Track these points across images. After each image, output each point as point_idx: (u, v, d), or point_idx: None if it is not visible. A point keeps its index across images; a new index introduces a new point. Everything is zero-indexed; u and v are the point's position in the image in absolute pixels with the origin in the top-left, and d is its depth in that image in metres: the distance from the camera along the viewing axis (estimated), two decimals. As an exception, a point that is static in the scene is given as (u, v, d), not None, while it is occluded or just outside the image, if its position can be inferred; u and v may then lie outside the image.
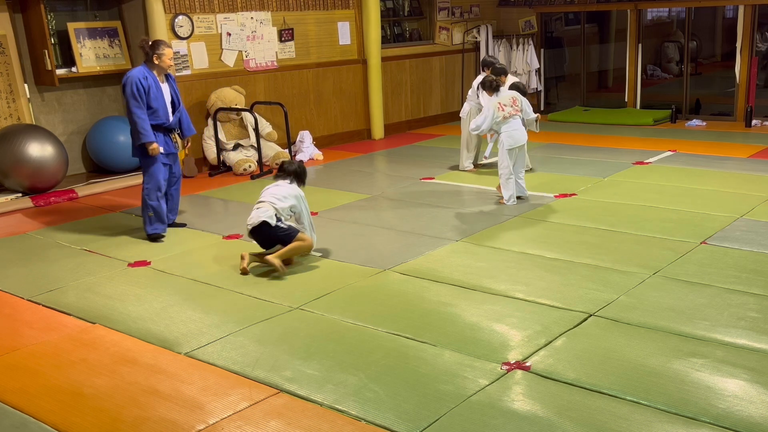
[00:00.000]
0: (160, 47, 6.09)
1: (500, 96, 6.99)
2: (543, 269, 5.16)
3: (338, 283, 5.08)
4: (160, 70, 6.18)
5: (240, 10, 9.36)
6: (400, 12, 11.96)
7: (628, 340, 4.01)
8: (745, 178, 7.45)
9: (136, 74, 6.04)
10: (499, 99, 6.95)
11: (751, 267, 5.01)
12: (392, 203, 7.22)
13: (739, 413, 3.28)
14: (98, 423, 3.46)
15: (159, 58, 6.09)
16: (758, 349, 3.86)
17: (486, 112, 6.95)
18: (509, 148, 6.83)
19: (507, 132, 6.86)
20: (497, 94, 7.01)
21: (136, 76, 6.01)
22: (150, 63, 6.13)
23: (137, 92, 5.98)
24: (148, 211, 6.23)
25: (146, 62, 6.15)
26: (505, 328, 4.26)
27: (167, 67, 6.19)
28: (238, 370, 3.91)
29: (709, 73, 13.50)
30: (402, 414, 3.39)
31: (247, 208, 7.30)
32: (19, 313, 4.88)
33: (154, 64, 6.12)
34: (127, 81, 6.02)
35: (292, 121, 9.69)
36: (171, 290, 5.12)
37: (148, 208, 6.23)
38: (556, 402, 3.44)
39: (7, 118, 8.07)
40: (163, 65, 6.14)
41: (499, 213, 6.63)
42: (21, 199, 7.72)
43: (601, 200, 6.90)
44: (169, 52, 6.15)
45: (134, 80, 5.99)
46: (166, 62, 6.13)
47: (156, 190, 6.23)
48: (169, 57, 6.14)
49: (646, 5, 11.61)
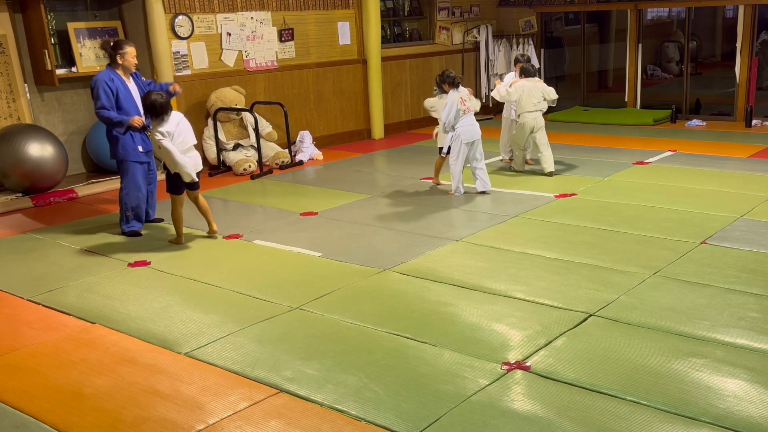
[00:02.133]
0: (122, 47, 6.16)
1: (460, 91, 7.17)
2: (543, 269, 5.16)
3: (338, 283, 5.08)
4: (125, 70, 6.22)
5: (240, 10, 9.36)
6: (400, 12, 11.97)
7: (628, 340, 4.01)
8: (745, 178, 7.45)
9: (102, 76, 6.12)
10: (460, 93, 7.14)
11: (751, 267, 5.01)
12: (392, 203, 7.22)
13: (739, 413, 3.28)
14: (98, 423, 3.46)
15: (122, 58, 6.15)
16: (758, 349, 3.86)
17: (450, 107, 7.09)
18: (467, 141, 7.16)
19: (464, 126, 7.15)
20: (456, 90, 7.15)
21: (102, 78, 6.10)
22: (114, 64, 6.19)
23: (103, 93, 6.04)
24: (126, 210, 6.33)
25: (110, 64, 6.23)
26: (505, 328, 4.26)
27: (131, 66, 6.23)
28: (238, 370, 3.91)
29: (709, 73, 13.50)
30: (402, 414, 3.39)
31: (248, 208, 7.35)
32: (19, 313, 4.88)
33: (118, 64, 6.17)
34: (95, 84, 6.09)
35: (292, 121, 9.69)
36: (171, 290, 5.12)
37: (126, 209, 6.32)
38: (556, 402, 3.44)
39: (7, 118, 8.07)
40: (128, 64, 6.19)
41: (499, 213, 6.63)
42: (21, 199, 7.72)
43: (601, 200, 6.91)
44: (132, 51, 6.20)
45: (102, 81, 6.06)
46: (129, 61, 6.18)
47: (136, 192, 6.31)
48: (132, 55, 6.19)
49: (646, 5, 11.61)
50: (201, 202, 6.16)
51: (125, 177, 6.32)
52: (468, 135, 7.17)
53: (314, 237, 6.20)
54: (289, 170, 9.07)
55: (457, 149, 7.19)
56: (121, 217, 6.41)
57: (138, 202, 6.35)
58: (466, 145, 7.17)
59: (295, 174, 8.88)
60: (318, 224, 6.60)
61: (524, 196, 7.15)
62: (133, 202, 6.32)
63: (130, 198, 6.30)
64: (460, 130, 7.15)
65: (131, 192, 6.30)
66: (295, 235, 6.26)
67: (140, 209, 6.39)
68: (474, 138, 7.22)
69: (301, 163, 9.38)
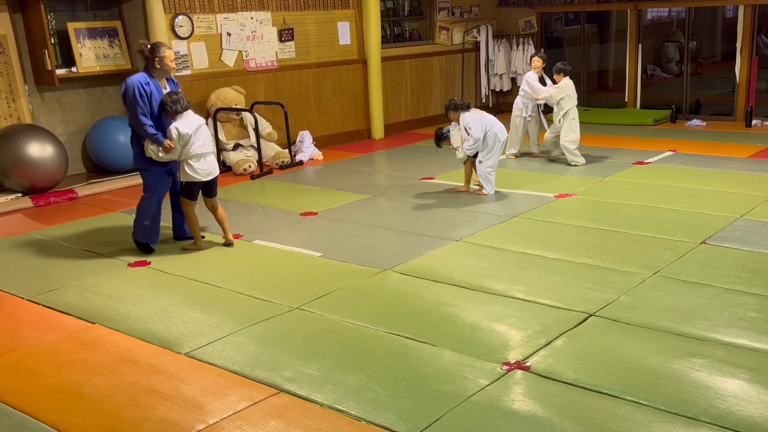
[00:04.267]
0: (160, 50, 5.72)
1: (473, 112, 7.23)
2: (543, 269, 5.16)
3: (338, 283, 5.08)
4: (163, 74, 5.82)
5: (240, 10, 9.36)
6: (400, 12, 11.97)
7: (628, 340, 4.01)
8: (745, 178, 7.45)
9: (137, 79, 5.68)
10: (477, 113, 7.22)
11: (751, 267, 5.01)
12: (392, 203, 7.22)
13: (739, 413, 3.28)
14: (98, 423, 3.46)
15: (161, 62, 5.73)
16: (758, 349, 3.86)
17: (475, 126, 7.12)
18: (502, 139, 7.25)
19: (496, 126, 7.21)
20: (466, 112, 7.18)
21: (137, 81, 5.66)
22: (152, 68, 5.76)
23: (140, 98, 5.62)
24: (145, 220, 5.89)
25: (147, 67, 5.79)
26: (505, 328, 4.26)
27: (170, 70, 5.85)
28: (238, 370, 3.91)
29: (709, 73, 13.49)
30: (402, 414, 3.39)
31: (248, 208, 7.35)
32: (19, 313, 4.88)
33: (156, 68, 5.75)
34: (128, 87, 5.66)
35: (292, 121, 9.69)
36: (171, 290, 5.12)
37: (145, 218, 5.89)
38: (556, 402, 3.44)
39: (7, 118, 8.07)
40: (166, 68, 5.78)
41: (499, 213, 6.63)
42: (21, 199, 7.72)
43: (601, 200, 6.91)
44: (171, 54, 5.80)
45: (136, 85, 5.63)
46: (168, 65, 5.78)
47: (157, 201, 5.90)
48: (170, 59, 5.79)
49: (646, 5, 11.61)
50: (219, 210, 5.97)
51: (150, 185, 5.88)
52: (502, 132, 7.22)
53: (314, 237, 6.20)
54: (289, 170, 9.07)
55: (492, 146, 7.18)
56: (137, 226, 5.95)
57: (158, 211, 5.89)
58: (500, 143, 7.24)
59: (295, 174, 8.88)
60: (318, 224, 6.60)
61: (524, 196, 7.16)
62: (153, 208, 5.86)
63: (152, 206, 5.85)
64: (494, 129, 7.15)
65: (153, 203, 5.86)
66: (295, 235, 6.26)
67: (158, 221, 5.93)
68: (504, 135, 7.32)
69: (301, 163, 9.38)
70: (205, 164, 5.76)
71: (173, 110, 5.63)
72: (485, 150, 7.18)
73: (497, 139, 7.15)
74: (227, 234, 6.04)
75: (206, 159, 5.78)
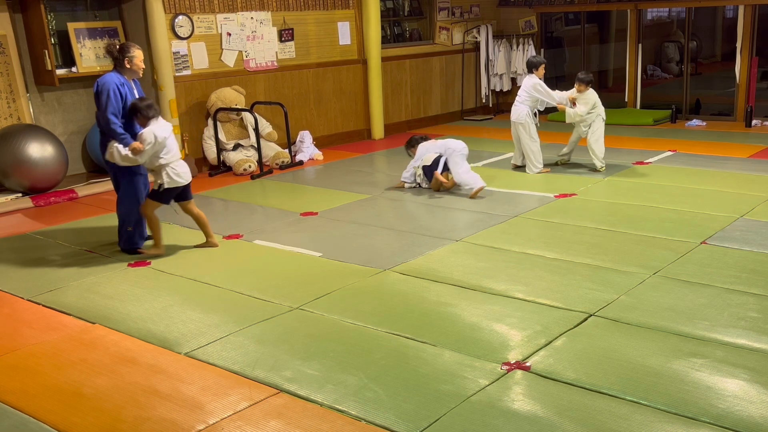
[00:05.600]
0: (130, 50, 5.68)
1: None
2: (543, 269, 5.16)
3: (338, 283, 5.08)
4: (132, 74, 5.77)
5: (240, 10, 9.36)
6: (400, 12, 11.97)
7: (628, 340, 4.01)
8: (745, 178, 7.45)
9: (112, 79, 5.61)
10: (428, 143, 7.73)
11: (751, 267, 5.01)
12: (392, 203, 7.22)
13: (739, 413, 3.28)
14: (98, 423, 3.46)
15: (131, 62, 5.68)
16: (758, 349, 3.86)
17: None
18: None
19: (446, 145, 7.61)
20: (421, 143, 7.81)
21: (113, 82, 5.58)
22: (121, 68, 5.71)
23: (115, 99, 5.56)
24: (128, 226, 5.88)
25: (117, 68, 5.72)
26: (505, 328, 4.26)
27: (139, 71, 5.80)
28: (238, 370, 3.91)
29: (709, 73, 13.49)
30: (402, 414, 3.39)
31: (248, 208, 7.35)
32: (19, 313, 4.88)
33: (126, 68, 5.70)
34: (103, 88, 5.57)
35: (292, 121, 9.69)
36: (171, 290, 5.12)
37: (128, 223, 5.88)
38: (556, 402, 3.44)
39: (7, 118, 8.07)
40: (136, 68, 5.73)
41: (498, 213, 6.63)
42: (21, 199, 7.72)
43: (601, 200, 6.91)
44: (140, 54, 5.76)
45: (112, 86, 5.56)
46: (138, 65, 5.74)
47: (137, 206, 5.85)
48: (140, 59, 5.75)
49: (646, 5, 11.61)
50: (197, 213, 5.93)
51: (127, 194, 5.86)
52: (453, 143, 7.54)
53: (314, 237, 6.20)
54: (289, 170, 9.07)
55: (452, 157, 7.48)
56: (121, 234, 5.94)
57: (139, 216, 5.87)
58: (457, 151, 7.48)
59: (295, 174, 8.88)
60: (318, 224, 6.60)
61: (524, 196, 7.16)
62: (135, 216, 5.85)
63: (132, 214, 5.84)
64: (445, 145, 7.53)
65: (133, 211, 5.84)
66: (295, 235, 6.26)
67: (142, 225, 5.95)
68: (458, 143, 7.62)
69: (301, 163, 9.38)
70: (184, 168, 5.77)
71: (146, 116, 5.59)
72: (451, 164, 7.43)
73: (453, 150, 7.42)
74: (209, 238, 5.99)
75: (179, 164, 5.76)
